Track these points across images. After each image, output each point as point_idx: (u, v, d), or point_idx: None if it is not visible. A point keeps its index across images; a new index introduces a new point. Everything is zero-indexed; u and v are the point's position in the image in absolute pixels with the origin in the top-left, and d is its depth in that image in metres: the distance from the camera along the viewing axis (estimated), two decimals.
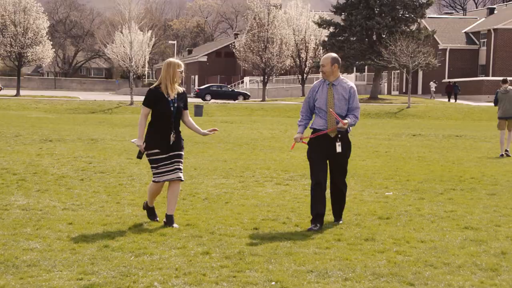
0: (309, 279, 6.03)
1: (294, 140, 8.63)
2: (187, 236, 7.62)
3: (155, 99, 8.13)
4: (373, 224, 8.57)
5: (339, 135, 8.33)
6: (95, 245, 7.07)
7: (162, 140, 8.14)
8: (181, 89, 8.30)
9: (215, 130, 8.49)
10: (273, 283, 5.88)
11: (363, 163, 15.92)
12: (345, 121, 8.22)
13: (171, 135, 8.13)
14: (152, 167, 8.25)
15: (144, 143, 8.18)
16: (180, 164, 8.25)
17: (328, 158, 8.42)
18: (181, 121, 8.38)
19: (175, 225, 8.14)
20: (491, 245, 7.50)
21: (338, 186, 8.58)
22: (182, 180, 8.28)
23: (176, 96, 8.17)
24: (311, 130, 8.51)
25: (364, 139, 24.12)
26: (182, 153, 8.32)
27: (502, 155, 18.48)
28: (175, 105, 8.14)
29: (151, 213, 8.54)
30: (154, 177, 8.26)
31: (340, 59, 8.57)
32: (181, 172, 8.25)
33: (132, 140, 8.57)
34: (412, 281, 6.04)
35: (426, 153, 19.09)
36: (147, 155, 8.22)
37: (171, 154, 8.16)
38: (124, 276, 5.97)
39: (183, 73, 8.31)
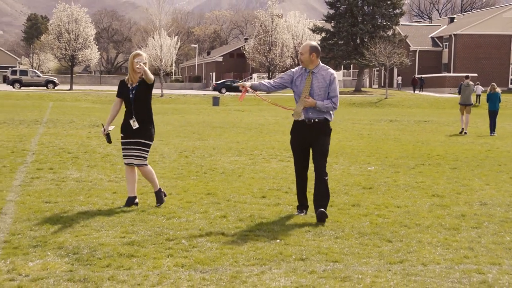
0: (307, 238, 6.01)
1: (242, 87, 6.86)
2: (208, 203, 7.61)
3: (120, 89, 7.30)
4: (358, 193, 8.55)
5: (316, 120, 6.84)
6: (134, 210, 7.08)
7: (125, 125, 7.22)
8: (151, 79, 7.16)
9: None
10: (278, 240, 5.87)
11: (350, 144, 15.86)
12: (310, 100, 6.76)
13: (131, 121, 7.15)
14: None
15: (106, 129, 7.41)
16: (137, 151, 7.19)
17: (309, 145, 6.93)
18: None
19: (158, 203, 7.33)
20: (453, 209, 7.47)
21: (320, 174, 6.74)
22: (139, 165, 7.25)
23: (138, 84, 7.18)
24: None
25: (350, 124, 24.03)
26: (145, 141, 7.20)
27: (461, 131, 19.91)
28: (134, 92, 7.16)
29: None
30: None
31: (319, 48, 6.87)
32: (135, 158, 7.20)
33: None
34: (390, 238, 6.02)
35: (400, 135, 19.01)
36: None
37: (132, 140, 7.19)
38: (158, 235, 5.97)
39: (143, 62, 7.11)
